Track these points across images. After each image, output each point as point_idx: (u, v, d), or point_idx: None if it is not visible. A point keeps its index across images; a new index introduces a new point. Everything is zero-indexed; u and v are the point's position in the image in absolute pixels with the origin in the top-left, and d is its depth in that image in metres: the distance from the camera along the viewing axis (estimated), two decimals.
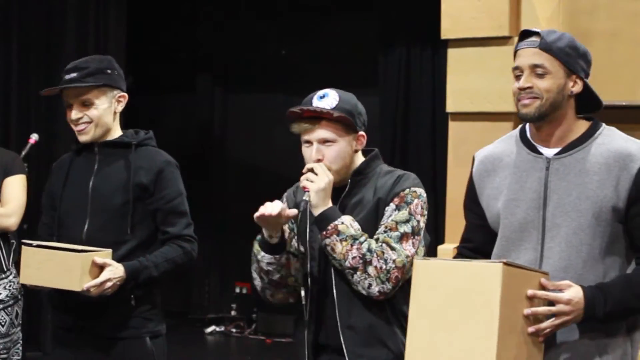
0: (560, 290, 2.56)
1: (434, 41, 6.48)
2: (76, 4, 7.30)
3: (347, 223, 2.91)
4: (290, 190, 3.20)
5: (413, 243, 2.91)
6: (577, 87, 2.70)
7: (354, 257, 2.87)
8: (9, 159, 4.25)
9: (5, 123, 7.17)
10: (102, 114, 3.45)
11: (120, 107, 3.51)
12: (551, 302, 2.56)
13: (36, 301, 6.84)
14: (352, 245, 2.88)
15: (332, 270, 2.95)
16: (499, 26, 5.22)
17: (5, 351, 4.15)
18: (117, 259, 3.31)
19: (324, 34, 7.98)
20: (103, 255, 3.25)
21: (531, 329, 2.53)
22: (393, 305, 2.94)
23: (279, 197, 3.13)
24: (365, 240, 2.89)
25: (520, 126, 2.83)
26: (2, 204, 4.15)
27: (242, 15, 8.36)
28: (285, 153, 8.03)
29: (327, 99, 2.98)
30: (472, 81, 5.36)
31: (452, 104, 5.50)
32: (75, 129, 3.49)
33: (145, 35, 8.01)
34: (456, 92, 5.45)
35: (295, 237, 3.07)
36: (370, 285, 2.87)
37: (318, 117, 2.96)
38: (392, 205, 2.94)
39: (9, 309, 4.16)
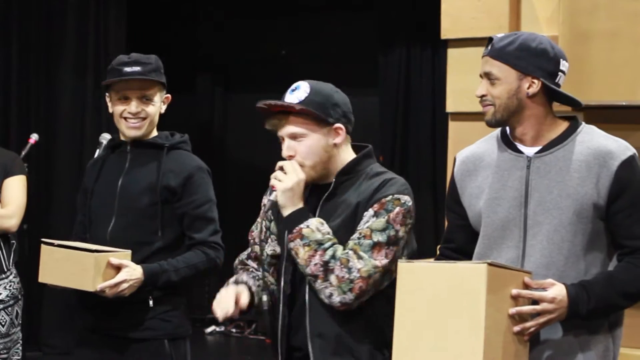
0: (544, 289, 2.58)
1: (434, 41, 6.48)
2: (76, 4, 7.30)
3: (313, 227, 2.77)
4: (267, 194, 3.02)
5: (387, 254, 2.75)
6: (534, 88, 2.70)
7: (315, 264, 2.73)
8: (9, 159, 4.25)
9: (5, 123, 7.17)
10: (155, 112, 3.46)
11: (164, 108, 3.52)
12: (535, 301, 2.58)
13: (36, 301, 6.85)
14: (315, 251, 2.74)
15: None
16: (499, 26, 5.21)
17: (5, 351, 4.15)
18: (141, 260, 3.30)
19: (324, 34, 7.98)
20: (121, 256, 3.23)
21: (517, 328, 2.55)
22: (368, 315, 2.80)
23: None
24: (330, 247, 2.74)
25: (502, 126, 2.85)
26: (3, 205, 4.15)
27: (242, 15, 8.36)
28: None
29: (297, 92, 2.84)
30: (472, 81, 5.30)
31: (452, 104, 5.48)
32: (127, 123, 3.43)
33: (145, 35, 8.01)
34: (456, 92, 5.44)
35: (272, 237, 2.97)
36: (331, 294, 2.73)
37: (287, 112, 2.84)
38: (370, 211, 2.78)
39: (9, 308, 4.16)
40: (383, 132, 7.27)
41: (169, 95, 3.52)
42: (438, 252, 2.97)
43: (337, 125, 2.85)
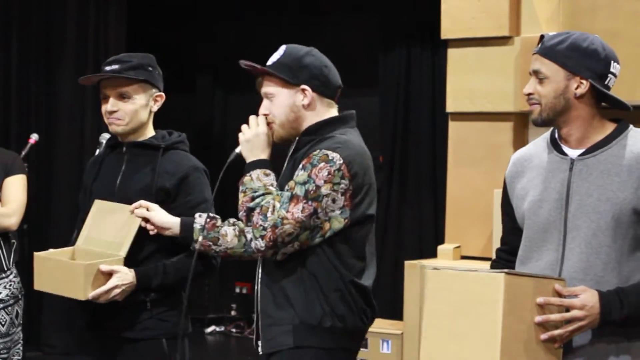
0: (576, 296, 2.54)
1: (434, 41, 6.49)
2: (76, 4, 7.30)
3: (254, 176, 2.92)
4: None
5: (303, 208, 2.78)
6: (582, 89, 2.66)
7: (243, 209, 2.88)
8: (9, 159, 4.25)
9: (5, 123, 7.17)
10: (137, 110, 3.40)
11: (156, 107, 3.46)
12: (567, 309, 2.53)
13: (36, 301, 6.85)
14: (249, 198, 2.87)
15: None
16: (499, 26, 5.22)
17: (5, 351, 4.15)
18: (138, 261, 3.30)
19: (324, 34, 7.98)
20: (112, 262, 3.23)
21: (544, 337, 2.50)
22: (306, 268, 2.86)
23: None
24: (261, 195, 2.86)
25: (552, 128, 2.81)
26: (3, 203, 4.15)
27: (242, 15, 8.36)
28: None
29: (274, 54, 3.04)
30: (472, 81, 5.36)
31: (452, 104, 5.50)
32: (107, 121, 3.42)
33: (145, 35, 8.01)
34: (456, 92, 5.45)
35: None
36: (251, 239, 2.87)
37: (259, 73, 3.02)
38: (300, 165, 2.87)
39: (9, 308, 4.16)
40: (383, 132, 7.27)
41: (161, 94, 3.47)
42: (494, 255, 2.95)
43: (303, 86, 2.95)
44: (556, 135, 2.76)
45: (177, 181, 3.37)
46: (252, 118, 3.00)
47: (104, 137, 3.75)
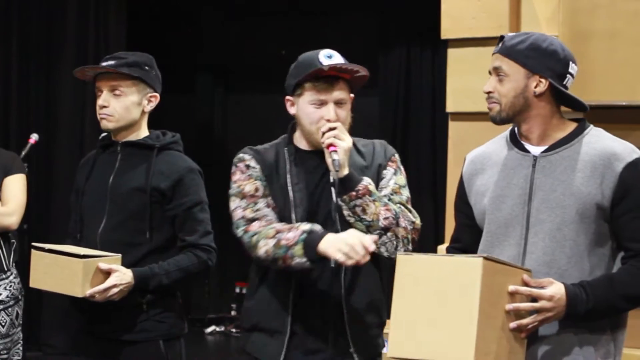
0: (543, 287, 2.59)
1: (434, 41, 6.49)
2: (76, 4, 7.30)
3: (372, 184, 2.89)
4: (250, 154, 3.21)
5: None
6: (541, 87, 2.72)
7: (386, 218, 2.85)
8: (8, 159, 4.25)
9: (5, 123, 7.17)
10: (128, 107, 3.40)
11: (149, 107, 3.46)
12: (534, 299, 2.58)
13: (36, 301, 6.84)
14: (384, 206, 2.86)
15: None
16: (499, 26, 5.21)
17: (5, 351, 4.15)
18: (133, 262, 3.29)
19: (324, 34, 7.97)
20: (111, 260, 3.21)
21: (513, 325, 2.55)
22: (381, 269, 3.00)
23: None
24: (389, 202, 2.88)
25: (511, 127, 2.86)
26: (3, 203, 4.15)
27: (242, 15, 8.37)
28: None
29: (336, 57, 3.02)
30: (472, 81, 5.35)
31: (452, 104, 5.49)
32: (99, 116, 3.42)
33: (145, 35, 8.01)
34: (456, 92, 5.44)
35: (291, 194, 2.97)
36: (397, 246, 2.86)
37: (335, 77, 2.91)
38: (390, 169, 2.96)
39: (9, 309, 4.16)
40: (383, 133, 7.27)
41: (156, 94, 3.47)
42: (445, 252, 2.97)
43: (351, 95, 3.01)
44: (516, 133, 2.81)
45: (173, 183, 3.36)
46: (341, 127, 2.87)
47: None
